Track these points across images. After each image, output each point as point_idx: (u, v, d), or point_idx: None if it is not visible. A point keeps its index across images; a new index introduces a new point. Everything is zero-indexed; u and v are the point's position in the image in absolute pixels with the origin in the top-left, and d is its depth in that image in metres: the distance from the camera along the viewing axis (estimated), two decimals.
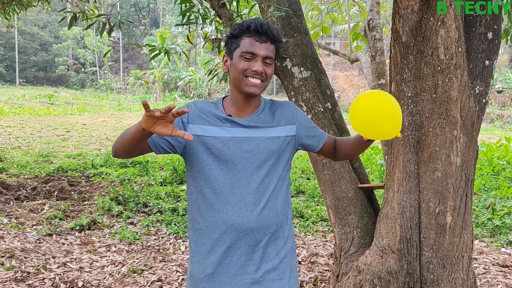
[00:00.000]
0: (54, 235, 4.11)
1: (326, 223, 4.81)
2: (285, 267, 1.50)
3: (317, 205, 5.49)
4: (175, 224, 4.54)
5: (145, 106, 1.20)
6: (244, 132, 1.45)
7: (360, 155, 7.18)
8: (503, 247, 4.20)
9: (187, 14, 2.74)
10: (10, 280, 3.09)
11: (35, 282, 3.11)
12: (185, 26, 2.91)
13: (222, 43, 2.91)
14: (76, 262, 3.53)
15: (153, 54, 2.98)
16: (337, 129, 2.71)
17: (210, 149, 1.44)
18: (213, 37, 3.03)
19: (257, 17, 2.05)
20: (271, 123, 1.50)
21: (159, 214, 4.87)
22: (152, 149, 1.45)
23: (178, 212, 4.88)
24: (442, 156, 2.20)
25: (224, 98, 1.55)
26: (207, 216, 1.45)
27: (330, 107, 2.76)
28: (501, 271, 3.61)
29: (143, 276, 3.32)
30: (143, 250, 3.87)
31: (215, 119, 1.46)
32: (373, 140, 1.53)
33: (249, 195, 1.43)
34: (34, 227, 4.31)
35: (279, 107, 1.56)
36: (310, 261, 3.71)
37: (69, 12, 3.38)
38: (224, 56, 1.50)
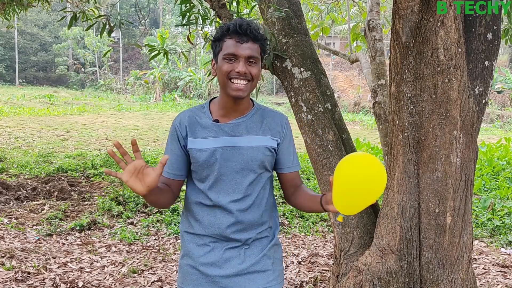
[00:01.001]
0: (54, 235, 4.12)
1: (326, 223, 4.82)
2: (267, 259, 1.54)
3: None
4: (175, 224, 4.54)
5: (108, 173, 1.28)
6: (229, 141, 1.47)
7: None
8: (503, 247, 4.20)
9: (187, 14, 2.74)
10: (10, 280, 3.10)
11: (35, 282, 3.12)
12: (185, 26, 2.91)
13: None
14: (76, 262, 3.53)
15: (152, 54, 2.98)
16: (337, 129, 2.71)
17: (198, 161, 1.47)
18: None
19: (238, 18, 2.04)
20: (256, 130, 1.50)
21: (159, 214, 4.87)
22: (180, 180, 1.56)
23: (178, 212, 4.88)
24: (442, 156, 2.20)
25: (212, 100, 1.57)
26: (197, 216, 1.52)
27: (330, 107, 2.77)
28: (501, 271, 3.61)
29: (143, 276, 3.32)
30: (143, 250, 3.88)
31: (201, 130, 1.49)
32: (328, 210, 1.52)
33: (233, 203, 1.47)
34: (34, 227, 4.32)
35: (270, 117, 1.55)
36: (310, 261, 3.72)
37: (69, 12, 3.38)
38: (212, 60, 1.52)
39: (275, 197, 1.66)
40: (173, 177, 1.53)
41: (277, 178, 1.64)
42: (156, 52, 2.98)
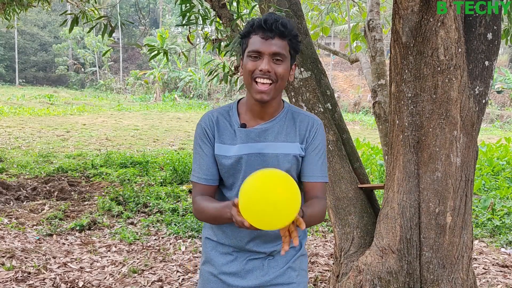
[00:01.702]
0: (54, 235, 4.12)
1: (326, 223, 4.82)
2: (292, 272, 1.47)
3: None
4: (175, 224, 4.54)
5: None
6: (255, 148, 1.38)
7: (360, 155, 7.15)
8: (503, 247, 4.20)
9: (187, 14, 2.74)
10: (10, 280, 3.10)
11: (35, 282, 3.12)
12: (185, 26, 2.91)
13: (222, 44, 2.91)
14: (76, 262, 3.53)
15: (152, 54, 2.98)
16: (337, 129, 2.72)
17: (223, 168, 1.40)
18: (213, 37, 3.04)
19: (268, 12, 1.98)
20: (285, 136, 1.40)
21: (159, 214, 4.87)
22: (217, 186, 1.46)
23: (178, 213, 4.89)
24: (442, 156, 2.21)
25: (240, 100, 1.47)
26: (222, 229, 1.46)
27: (330, 107, 2.77)
28: (501, 271, 3.61)
29: (144, 276, 3.32)
30: (143, 250, 3.88)
31: (228, 135, 1.40)
32: None
33: None
34: (34, 227, 4.32)
35: (300, 120, 1.43)
36: (310, 261, 3.72)
37: (70, 14, 3.38)
38: (241, 59, 1.43)
39: None
40: (214, 183, 1.41)
41: None
42: (156, 52, 2.98)
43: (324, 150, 1.45)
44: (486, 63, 2.27)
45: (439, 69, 2.14)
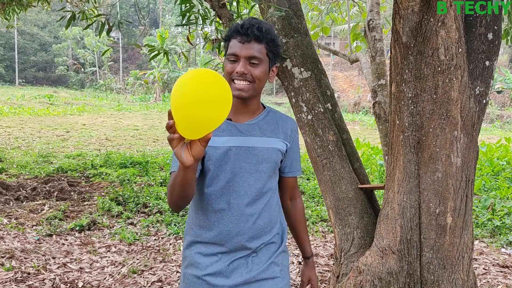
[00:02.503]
0: (54, 236, 4.11)
1: (326, 223, 4.81)
2: (275, 266, 1.49)
3: (317, 205, 5.49)
4: (175, 225, 4.53)
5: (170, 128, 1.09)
6: (243, 141, 1.43)
7: (360, 155, 7.14)
8: (503, 247, 4.20)
9: (187, 14, 2.73)
10: (10, 281, 3.09)
11: (35, 282, 3.11)
12: (185, 26, 2.91)
13: (222, 44, 2.91)
14: (76, 263, 3.52)
15: (152, 54, 2.97)
16: (337, 130, 2.71)
17: (211, 159, 1.42)
18: (213, 37, 3.03)
19: (251, 16, 2.03)
20: (270, 132, 1.48)
21: (159, 214, 4.86)
22: (195, 179, 1.39)
23: (178, 213, 4.88)
24: (443, 156, 2.20)
25: None
26: (205, 227, 1.45)
27: (330, 107, 2.76)
28: (501, 272, 3.61)
29: (143, 277, 3.32)
30: (143, 250, 3.87)
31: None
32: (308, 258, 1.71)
33: (245, 206, 1.43)
34: (34, 227, 4.31)
35: (282, 120, 1.54)
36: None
37: (68, 11, 3.37)
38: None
39: None
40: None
41: None
42: (156, 52, 2.97)
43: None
44: (487, 63, 2.26)
45: (439, 69, 2.14)
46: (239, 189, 1.42)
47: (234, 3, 2.95)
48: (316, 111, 2.61)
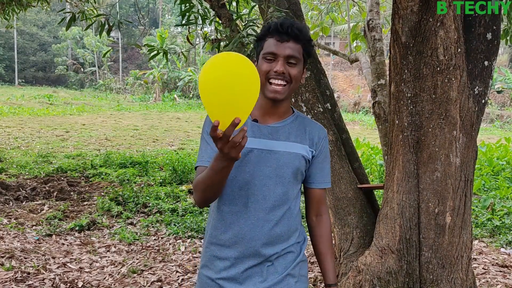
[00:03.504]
0: (53, 236, 4.11)
1: None
2: (291, 278, 1.44)
3: None
4: (174, 225, 4.54)
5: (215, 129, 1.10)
6: (266, 144, 1.40)
7: (360, 155, 7.14)
8: (503, 247, 4.20)
9: (187, 14, 2.74)
10: (10, 281, 3.09)
11: (35, 282, 3.11)
12: (184, 26, 2.91)
13: (222, 44, 2.91)
14: (76, 263, 3.53)
15: (152, 54, 2.98)
16: (336, 130, 2.71)
17: None
18: (212, 37, 3.04)
19: (286, 17, 1.99)
20: (296, 137, 1.43)
21: (158, 214, 4.86)
22: None
23: (178, 213, 4.88)
24: (442, 156, 2.20)
25: None
26: (220, 228, 1.43)
27: (329, 107, 2.77)
28: (501, 271, 3.61)
29: (143, 277, 3.32)
30: (142, 250, 3.87)
31: None
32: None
33: (263, 211, 1.39)
34: (34, 227, 4.31)
35: (310, 126, 1.48)
36: (309, 261, 3.72)
37: (68, 12, 3.37)
38: (255, 61, 1.46)
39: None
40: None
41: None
42: (156, 52, 2.97)
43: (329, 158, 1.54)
44: (486, 63, 2.27)
45: (438, 69, 2.14)
46: (257, 192, 1.38)
47: (234, 3, 2.95)
48: (315, 111, 2.61)
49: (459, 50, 2.13)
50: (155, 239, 4.18)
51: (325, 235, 1.55)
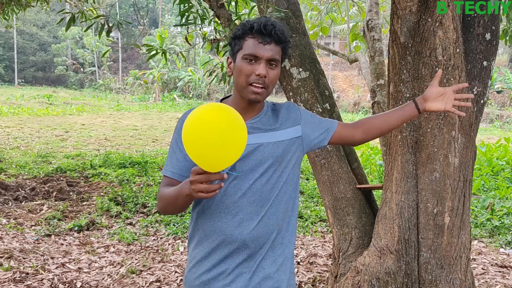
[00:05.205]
0: (52, 236, 4.11)
1: (325, 223, 4.81)
2: (282, 275, 1.43)
3: (316, 205, 5.49)
4: (173, 225, 4.53)
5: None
6: (248, 140, 1.38)
7: (359, 155, 7.12)
8: (502, 247, 4.20)
9: (186, 14, 2.74)
10: (8, 281, 3.09)
11: (33, 282, 3.11)
12: (184, 26, 2.91)
13: (221, 43, 2.91)
14: (74, 263, 3.52)
15: (151, 54, 2.97)
16: None
17: None
18: (212, 37, 3.04)
19: (262, 16, 1.98)
20: (274, 126, 1.43)
21: (158, 214, 4.86)
22: None
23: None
24: (440, 156, 2.20)
25: (223, 99, 1.48)
26: (206, 225, 1.41)
27: (328, 107, 2.77)
28: (500, 272, 3.61)
29: (142, 277, 3.32)
30: (141, 250, 3.87)
31: None
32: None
33: (251, 204, 1.37)
34: (33, 227, 4.31)
35: (282, 108, 1.48)
36: (308, 262, 3.71)
37: (67, 13, 3.37)
38: (228, 58, 1.43)
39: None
40: (180, 179, 1.37)
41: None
42: (155, 52, 2.97)
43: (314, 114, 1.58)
44: (485, 63, 2.27)
45: (437, 69, 2.14)
46: (244, 186, 1.37)
47: (233, 3, 2.95)
48: (314, 111, 2.61)
49: (458, 50, 2.13)
50: (154, 239, 4.18)
51: (376, 117, 1.64)
